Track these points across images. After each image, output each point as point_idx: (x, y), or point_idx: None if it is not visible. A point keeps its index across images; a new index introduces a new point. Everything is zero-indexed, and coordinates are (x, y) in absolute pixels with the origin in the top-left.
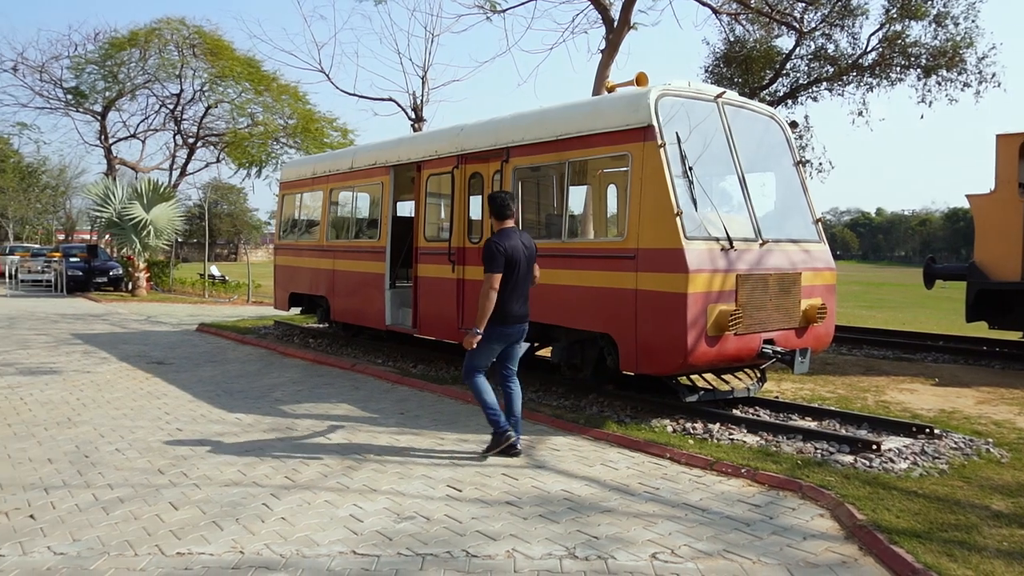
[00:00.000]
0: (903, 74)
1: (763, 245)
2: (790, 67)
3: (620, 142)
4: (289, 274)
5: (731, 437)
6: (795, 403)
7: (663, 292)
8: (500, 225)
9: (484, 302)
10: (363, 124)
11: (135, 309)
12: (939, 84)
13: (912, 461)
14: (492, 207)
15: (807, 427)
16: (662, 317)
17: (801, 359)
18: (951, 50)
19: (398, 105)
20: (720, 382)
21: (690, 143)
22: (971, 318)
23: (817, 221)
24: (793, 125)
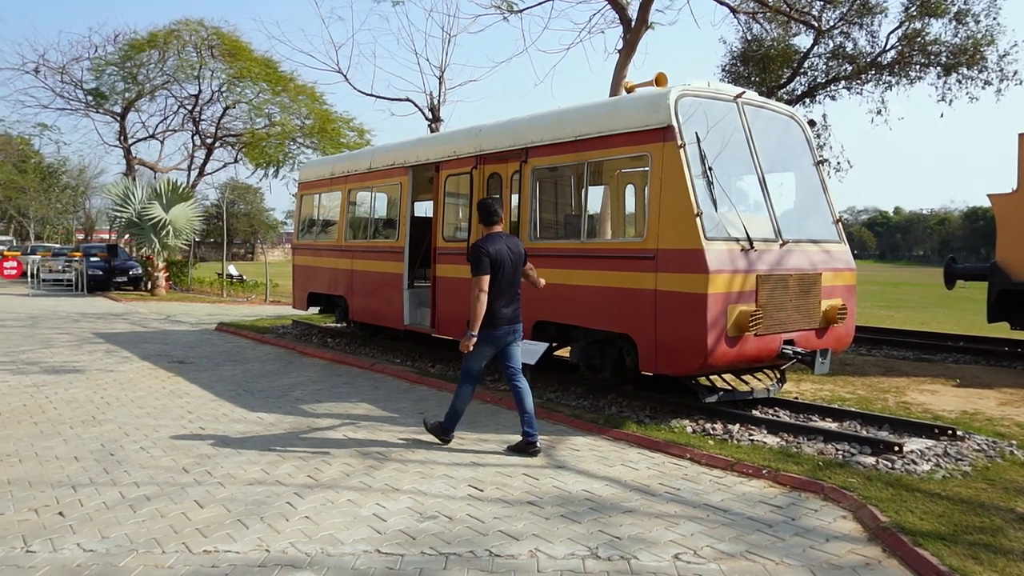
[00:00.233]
0: (922, 72)
1: (783, 245)
2: (808, 66)
3: (640, 142)
4: (307, 274)
5: (751, 438)
6: (815, 404)
7: (683, 292)
8: (487, 230)
9: (475, 305)
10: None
11: (154, 308)
12: (959, 82)
13: (935, 463)
14: (480, 213)
15: (828, 428)
16: (682, 318)
17: (822, 360)
18: (972, 48)
19: (415, 105)
20: (739, 383)
21: (710, 143)
22: (993, 318)
23: (837, 221)
24: (811, 124)
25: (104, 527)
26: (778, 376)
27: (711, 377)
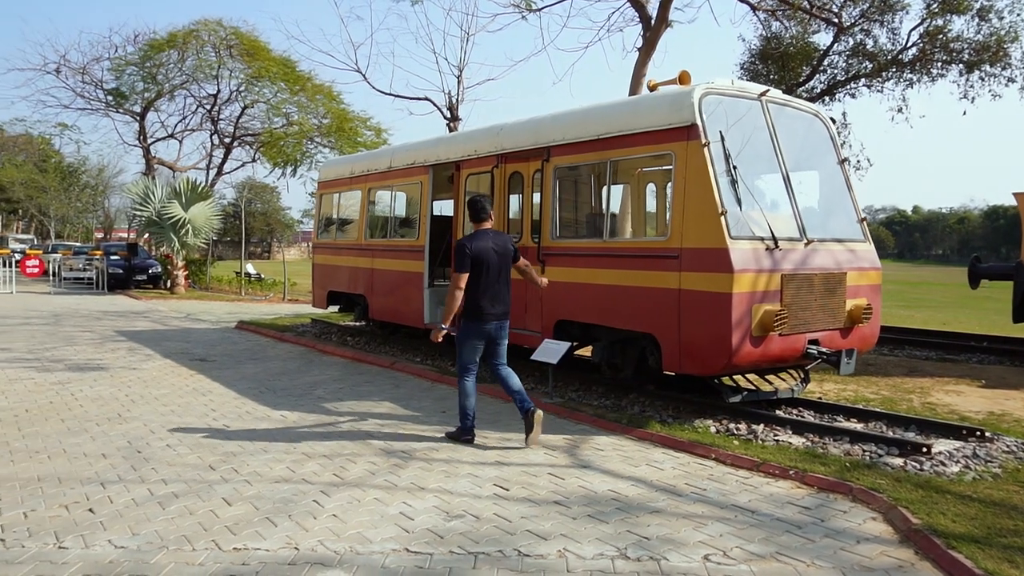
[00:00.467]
0: (944, 70)
1: (808, 244)
2: (827, 63)
3: (663, 141)
4: (327, 273)
5: (776, 438)
6: (839, 404)
7: (707, 292)
8: (476, 227)
9: (449, 299)
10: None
11: (174, 306)
12: (982, 80)
13: (964, 464)
14: (470, 210)
15: (854, 429)
16: (706, 317)
17: (847, 360)
18: (995, 45)
19: (433, 104)
20: (763, 383)
21: (734, 141)
22: (1018, 319)
23: (862, 220)
24: (831, 122)
25: (134, 524)
26: (802, 376)
27: (734, 377)
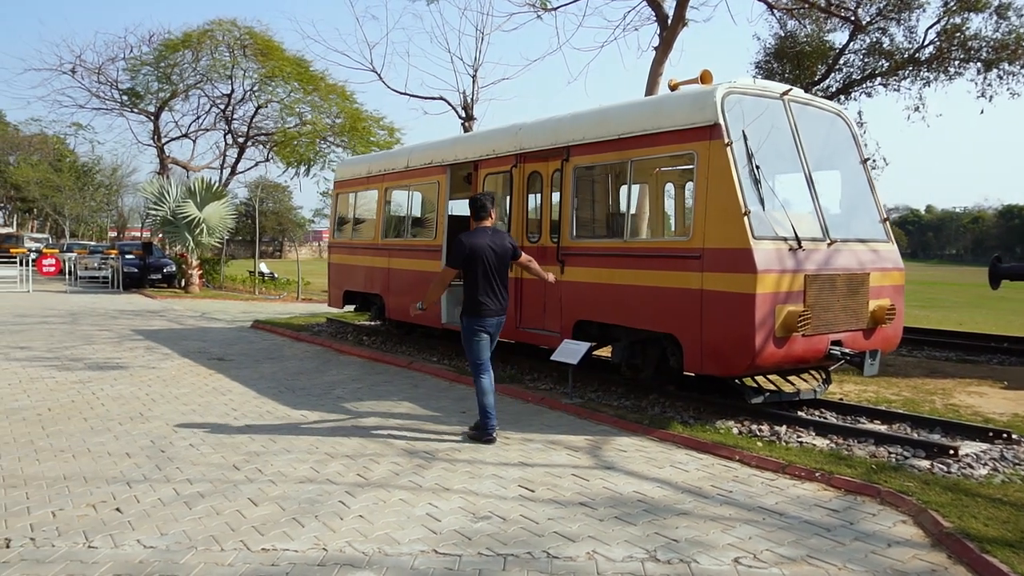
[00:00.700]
0: (962, 68)
1: (831, 245)
2: (843, 62)
3: (685, 141)
4: (343, 272)
5: (799, 440)
6: (861, 405)
7: (730, 292)
8: (476, 224)
9: (433, 287)
10: (409, 123)
11: (189, 305)
12: (1000, 78)
13: (992, 467)
14: (472, 208)
15: (878, 431)
16: (729, 318)
17: (871, 361)
18: (1014, 43)
19: (448, 104)
20: (785, 383)
21: (756, 141)
22: None
23: (884, 220)
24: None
25: (162, 524)
26: (823, 377)
27: (756, 378)
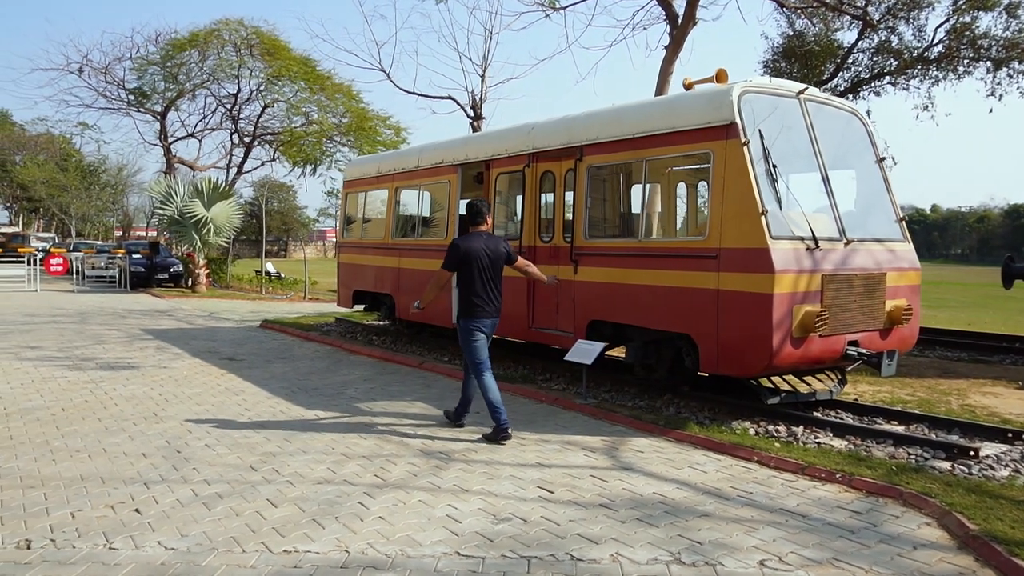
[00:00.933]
0: (971, 67)
1: (848, 244)
2: (851, 61)
3: (701, 140)
4: (353, 272)
5: (817, 441)
6: (877, 406)
7: (748, 293)
8: (472, 228)
9: (429, 288)
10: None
11: (197, 305)
12: (1010, 77)
13: (1013, 468)
14: (468, 212)
15: (896, 431)
16: (746, 318)
17: (888, 361)
18: None
19: (457, 103)
20: (801, 384)
21: (773, 140)
22: None
23: (901, 219)
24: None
25: (182, 525)
26: (838, 377)
27: (771, 378)
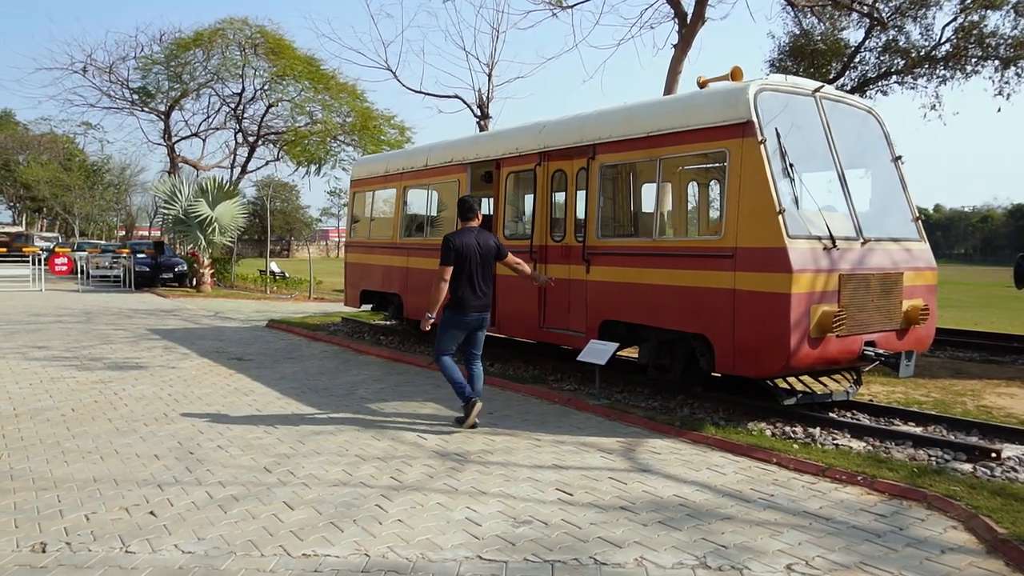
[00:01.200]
0: (979, 66)
1: (864, 244)
2: (858, 60)
3: (717, 138)
4: (360, 271)
5: (835, 442)
6: (894, 407)
7: (765, 292)
8: (463, 224)
9: (433, 291)
10: (420, 122)
11: (202, 305)
12: (1018, 75)
13: None
14: (459, 209)
15: (914, 432)
16: (763, 318)
17: (907, 362)
18: None
19: (463, 102)
20: (817, 384)
21: (789, 138)
22: None
23: (917, 219)
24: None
25: (198, 528)
26: (854, 378)
27: (787, 379)
